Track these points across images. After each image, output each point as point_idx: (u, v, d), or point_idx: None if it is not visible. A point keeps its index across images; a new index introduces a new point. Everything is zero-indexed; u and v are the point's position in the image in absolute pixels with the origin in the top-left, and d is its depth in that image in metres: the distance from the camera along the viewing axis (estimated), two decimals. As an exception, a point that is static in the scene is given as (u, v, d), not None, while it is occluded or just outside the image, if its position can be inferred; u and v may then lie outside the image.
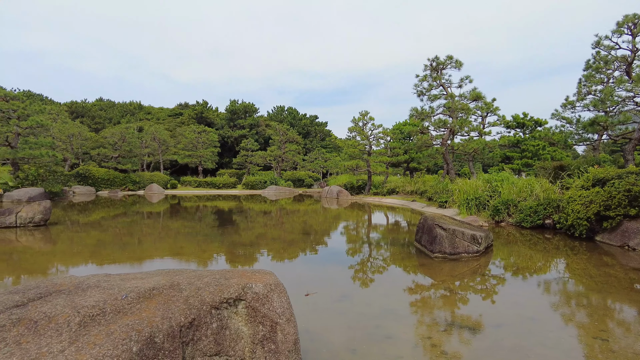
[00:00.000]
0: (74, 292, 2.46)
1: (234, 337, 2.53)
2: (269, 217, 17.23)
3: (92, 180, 34.99)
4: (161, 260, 8.22)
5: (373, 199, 27.82)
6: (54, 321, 2.09)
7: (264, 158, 44.99)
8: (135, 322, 2.10)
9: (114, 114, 65.61)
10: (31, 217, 12.45)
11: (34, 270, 7.31)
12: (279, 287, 2.89)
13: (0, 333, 2.01)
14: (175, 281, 2.66)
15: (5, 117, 27.72)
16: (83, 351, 1.89)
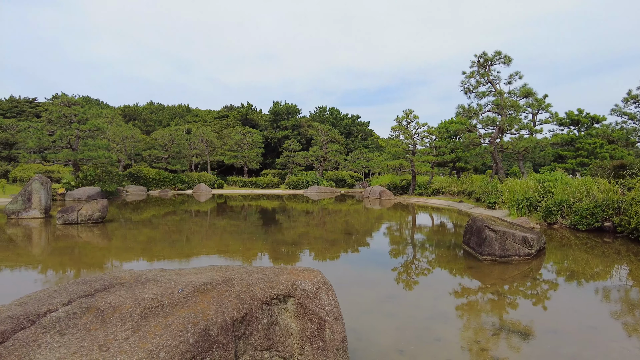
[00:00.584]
0: (134, 285, 2.59)
1: (283, 332, 2.58)
2: (311, 216, 17.35)
3: (143, 180, 36.74)
4: (208, 257, 8.48)
5: (417, 200, 27.31)
6: (118, 311, 2.21)
7: (306, 158, 45.38)
8: (191, 315, 2.18)
9: (163, 117, 68.56)
10: (90, 214, 13.26)
11: (92, 264, 7.77)
12: (326, 285, 2.91)
13: (73, 320, 2.15)
14: (227, 277, 2.74)
15: (67, 122, 29.72)
16: (145, 340, 1.99)
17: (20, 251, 9.11)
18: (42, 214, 14.77)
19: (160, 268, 3.12)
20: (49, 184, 15.40)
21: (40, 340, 2.01)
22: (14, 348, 1.96)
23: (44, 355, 1.92)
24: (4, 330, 2.07)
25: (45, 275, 6.88)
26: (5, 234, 11.32)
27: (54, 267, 7.50)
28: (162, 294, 2.39)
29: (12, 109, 59.10)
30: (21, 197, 14.69)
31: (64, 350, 1.95)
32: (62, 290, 2.53)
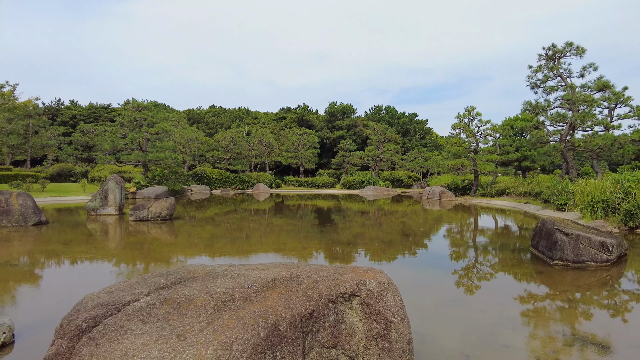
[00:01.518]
0: (206, 279, 2.72)
1: (349, 331, 2.58)
2: (366, 217, 17.23)
3: (207, 179, 38.50)
4: (266, 254, 8.69)
5: (480, 201, 26.20)
6: (193, 303, 2.34)
7: (361, 158, 45.15)
8: (261, 310, 2.25)
9: (224, 120, 71.37)
10: (159, 212, 14.11)
11: (162, 258, 8.26)
12: (392, 286, 2.87)
13: (153, 309, 2.30)
14: (293, 273, 2.79)
15: (138, 125, 31.87)
16: (219, 332, 2.08)
17: (100, 245, 9.91)
18: (117, 211, 15.95)
19: (229, 264, 3.24)
20: (123, 183, 16.60)
21: (126, 327, 2.17)
22: (105, 332, 2.13)
23: (130, 341, 2.06)
24: (95, 315, 2.25)
25: (121, 267, 7.42)
26: (86, 229, 12.35)
27: (129, 260, 8.06)
28: (233, 288, 2.48)
29: (90, 115, 64.41)
30: (99, 195, 15.96)
31: (147, 337, 2.08)
32: (142, 282, 2.72)
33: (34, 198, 13.40)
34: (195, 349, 1.96)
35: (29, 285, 6.11)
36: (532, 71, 22.56)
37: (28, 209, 12.54)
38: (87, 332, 2.17)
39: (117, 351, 1.99)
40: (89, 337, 2.12)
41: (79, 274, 7.00)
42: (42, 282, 6.36)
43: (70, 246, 9.52)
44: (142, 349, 1.99)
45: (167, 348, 1.99)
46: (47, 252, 8.78)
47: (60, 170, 40.21)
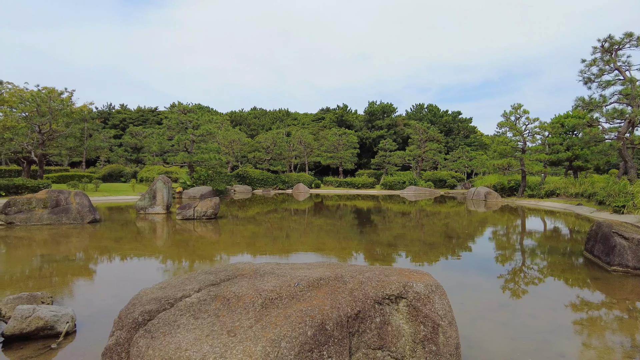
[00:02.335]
0: (254, 277, 2.78)
1: (395, 333, 2.54)
2: (407, 218, 16.95)
3: (249, 180, 39.32)
4: (305, 254, 8.74)
5: (528, 202, 25.12)
6: (242, 300, 2.39)
7: (402, 158, 44.51)
8: (308, 309, 2.27)
9: (265, 121, 72.65)
10: (205, 211, 14.56)
11: (207, 256, 8.52)
12: (439, 289, 2.81)
13: (203, 305, 2.38)
14: (339, 273, 2.79)
15: (183, 127, 33.05)
16: (267, 329, 2.12)
17: (149, 242, 10.36)
18: (164, 210, 16.61)
19: (274, 262, 3.29)
20: (170, 183, 17.27)
21: (179, 322, 2.26)
22: (159, 325, 2.22)
23: (183, 335, 2.14)
24: (150, 309, 2.36)
25: (169, 263, 7.72)
26: (136, 227, 12.95)
27: (177, 257, 8.37)
28: (280, 286, 2.52)
29: (138, 118, 67.50)
30: (148, 194, 16.69)
31: (199, 332, 2.15)
32: (192, 279, 2.81)
33: (89, 197, 14.20)
34: (245, 345, 2.01)
35: (86, 279, 6.48)
36: (586, 65, 21.36)
37: (84, 207, 13.31)
38: (143, 325, 2.27)
39: (171, 344, 2.07)
40: (145, 330, 2.21)
41: (131, 269, 7.35)
42: (97, 277, 6.73)
43: (122, 243, 10.02)
44: (195, 344, 2.06)
45: (218, 343, 2.04)
46: (102, 248, 9.28)
47: (112, 171, 42.42)
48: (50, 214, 12.81)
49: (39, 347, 3.58)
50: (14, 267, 7.22)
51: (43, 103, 29.29)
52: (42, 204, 12.92)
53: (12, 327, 3.64)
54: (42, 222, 12.65)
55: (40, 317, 3.68)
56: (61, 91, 31.73)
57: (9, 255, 8.32)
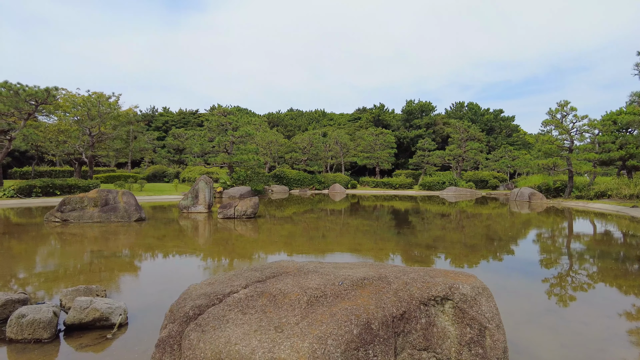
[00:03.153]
0: (298, 274, 2.82)
1: (440, 335, 2.51)
2: (447, 219, 16.57)
3: (286, 180, 39.79)
4: (341, 254, 8.72)
5: (576, 204, 23.95)
6: (287, 297, 2.44)
7: (441, 158, 43.59)
8: (353, 308, 2.28)
9: (302, 122, 73.25)
10: (244, 210, 14.88)
11: (247, 254, 8.70)
12: (486, 291, 2.74)
13: (251, 301, 2.45)
14: (382, 274, 2.79)
15: (223, 129, 33.91)
16: (313, 326, 2.15)
17: (193, 240, 10.72)
18: (206, 209, 17.10)
19: (317, 261, 3.33)
20: (211, 183, 17.77)
21: (227, 317, 2.33)
22: (209, 320, 2.31)
23: (232, 330, 2.21)
24: (200, 304, 2.45)
25: (213, 260, 7.95)
26: (180, 225, 13.42)
27: (219, 254, 8.61)
28: (325, 285, 2.55)
29: (180, 120, 69.85)
30: (190, 194, 17.25)
31: (247, 327, 2.22)
32: (239, 275, 2.90)
33: (135, 196, 14.85)
34: (292, 341, 2.05)
35: (135, 274, 6.80)
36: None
37: (131, 206, 13.94)
38: (193, 319, 2.37)
39: (221, 338, 2.15)
40: (196, 323, 2.31)
41: (176, 265, 7.63)
42: (145, 272, 7.04)
43: (167, 240, 10.42)
44: (244, 338, 2.12)
45: (266, 339, 2.10)
46: (148, 245, 9.69)
47: (155, 171, 44.15)
48: (100, 212, 13.51)
49: (95, 337, 3.79)
50: (69, 261, 7.68)
51: (93, 107, 30.91)
52: (93, 203, 13.64)
53: (72, 317, 3.88)
54: (92, 219, 13.36)
55: (96, 309, 3.91)
56: (109, 95, 33.39)
57: (65, 251, 8.85)
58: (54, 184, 23.76)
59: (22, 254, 8.59)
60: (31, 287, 5.71)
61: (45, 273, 6.69)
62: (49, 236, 10.71)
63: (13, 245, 9.48)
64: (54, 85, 23.12)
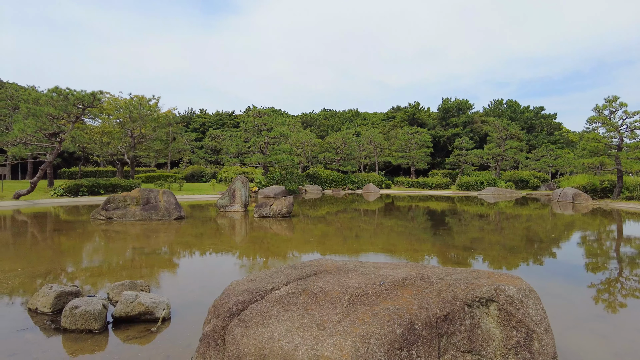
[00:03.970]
0: (338, 273, 2.82)
1: (485, 337, 2.44)
2: (485, 220, 16.09)
3: (319, 180, 39.93)
4: (375, 255, 8.62)
5: (626, 205, 22.67)
6: (328, 295, 2.44)
7: (479, 157, 42.41)
8: (395, 307, 2.25)
9: (335, 122, 73.27)
10: (279, 209, 15.05)
11: (284, 252, 8.78)
12: (533, 294, 2.64)
13: (292, 298, 2.47)
14: (424, 274, 2.74)
15: (258, 130, 34.44)
16: (355, 325, 2.14)
17: (231, 238, 10.95)
18: (242, 208, 17.42)
19: (356, 260, 3.32)
20: (247, 183, 18.08)
21: (270, 313, 2.36)
22: (252, 316, 2.34)
23: (275, 326, 2.24)
24: (243, 300, 2.49)
25: (251, 258, 8.08)
26: (218, 224, 13.74)
27: (257, 252, 8.75)
28: (366, 284, 2.53)
29: (217, 122, 71.51)
30: (227, 193, 17.62)
31: (289, 324, 2.23)
32: (280, 272, 2.93)
33: (175, 196, 15.32)
34: (335, 339, 2.05)
35: (175, 270, 7.01)
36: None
37: (171, 204, 14.40)
38: (237, 315, 2.41)
39: (265, 334, 2.18)
40: (239, 319, 2.35)
41: (215, 262, 7.81)
42: (185, 269, 7.24)
43: (206, 238, 10.70)
44: (286, 335, 2.14)
45: (309, 335, 2.10)
46: (188, 243, 9.97)
47: (193, 171, 45.39)
48: (142, 210, 14.04)
49: (141, 330, 3.94)
50: (113, 257, 8.02)
51: (134, 110, 32.15)
52: (135, 202, 14.19)
53: (119, 310, 4.05)
54: (135, 217, 13.89)
55: (142, 303, 4.06)
56: (149, 98, 34.64)
57: (109, 247, 9.25)
58: (98, 184, 24.92)
59: (70, 249, 9.05)
60: (79, 280, 6.00)
61: (91, 268, 7.02)
62: (94, 233, 11.23)
63: (63, 241, 10.01)
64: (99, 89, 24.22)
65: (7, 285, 5.67)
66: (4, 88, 41.84)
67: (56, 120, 23.33)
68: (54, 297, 4.36)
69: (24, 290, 5.47)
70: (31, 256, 8.04)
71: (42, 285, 5.62)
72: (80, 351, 3.48)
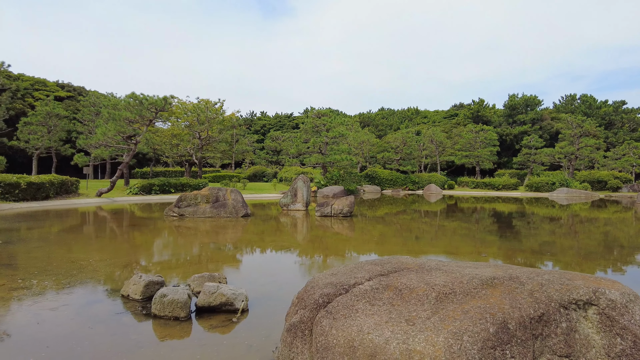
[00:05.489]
0: (420, 271, 2.80)
1: (584, 343, 2.29)
2: (557, 223, 15.03)
3: (377, 180, 39.58)
4: (436, 257, 8.33)
5: None
6: (414, 292, 2.43)
7: (550, 156, 39.82)
8: (486, 306, 2.19)
9: (393, 121, 72.26)
10: (341, 209, 15.13)
11: (348, 251, 8.82)
12: (638, 299, 2.44)
13: (377, 293, 2.49)
14: (513, 274, 2.64)
15: (317, 131, 34.85)
16: (446, 322, 2.11)
17: (296, 235, 11.21)
18: (304, 207, 17.72)
19: (436, 259, 3.28)
20: (309, 182, 18.37)
21: (356, 306, 2.40)
22: (339, 308, 2.39)
23: (362, 319, 2.27)
24: (328, 293, 2.55)
25: (316, 254, 8.21)
26: (282, 221, 14.10)
27: (323, 249, 8.87)
28: (452, 282, 2.49)
29: (276, 123, 73.37)
30: (290, 193, 18.01)
31: (377, 318, 2.26)
32: (360, 268, 2.96)
33: (242, 194, 15.93)
34: (426, 334, 2.03)
35: (247, 265, 7.29)
36: None
37: (238, 203, 14.99)
38: (323, 307, 2.47)
39: (353, 327, 2.22)
40: (326, 311, 2.41)
41: (283, 257, 8.02)
42: (256, 263, 7.52)
43: (273, 235, 11.04)
44: (376, 328, 2.16)
45: (399, 330, 2.11)
46: (256, 239, 10.33)
47: (255, 171, 46.91)
48: (211, 208, 14.75)
49: (222, 320, 4.16)
50: (188, 250, 8.52)
51: (202, 113, 33.82)
52: (205, 200, 14.95)
53: (202, 300, 4.30)
54: (205, 215, 14.62)
55: (223, 294, 4.28)
56: (215, 102, 36.27)
57: (185, 242, 9.82)
58: (169, 183, 26.55)
59: (149, 243, 9.75)
60: (152, 271, 6.44)
61: (169, 260, 7.51)
62: (170, 229, 11.98)
63: (142, 235, 10.79)
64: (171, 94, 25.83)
65: (100, 273, 6.22)
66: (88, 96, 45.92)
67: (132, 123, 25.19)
68: (143, 285, 4.73)
69: (114, 278, 5.97)
70: (116, 248, 8.77)
71: (127, 274, 6.11)
72: (170, 336, 3.75)
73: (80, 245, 9.05)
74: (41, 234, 10.32)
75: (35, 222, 12.76)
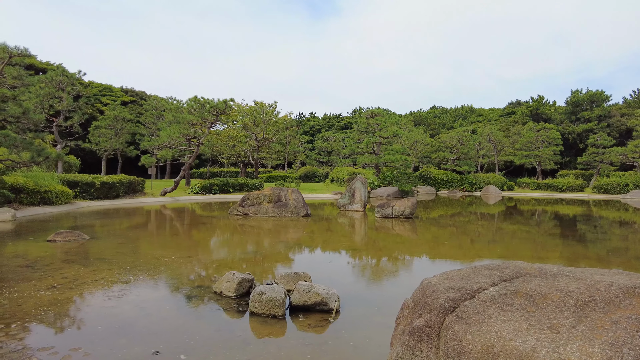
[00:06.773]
0: (544, 277, 2.70)
1: None
2: (629, 228, 13.87)
3: (432, 181, 38.67)
4: (490, 261, 7.94)
5: None
6: (548, 299, 2.35)
7: (623, 155, 37.04)
8: (638, 317, 2.08)
9: (446, 120, 70.34)
10: (402, 210, 14.93)
11: (423, 253, 8.69)
12: None
13: (506, 299, 2.43)
14: (654, 282, 2.48)
15: (371, 131, 34.63)
16: (595, 332, 2.02)
17: (359, 236, 11.21)
18: (362, 208, 17.69)
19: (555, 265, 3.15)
20: (366, 183, 18.31)
21: (487, 312, 2.35)
22: (470, 313, 2.36)
23: (499, 325, 2.22)
24: (453, 297, 2.53)
25: (384, 256, 8.15)
26: (342, 221, 14.16)
27: (388, 250, 8.80)
28: (588, 289, 2.38)
29: (325, 124, 73.75)
30: (347, 193, 18.05)
31: (515, 324, 2.20)
32: (477, 272, 2.90)
33: (302, 194, 16.16)
34: (578, 343, 1.96)
35: (322, 264, 7.36)
36: None
37: (299, 203, 15.23)
38: (450, 312, 2.45)
39: (491, 332, 2.18)
40: (456, 316, 2.38)
41: (355, 258, 8.02)
42: (331, 263, 7.57)
43: (337, 235, 11.12)
44: (517, 334, 2.11)
45: (544, 338, 2.05)
46: (321, 238, 10.42)
47: (307, 172, 47.43)
48: (273, 207, 15.09)
49: (318, 319, 4.23)
50: (261, 248, 8.75)
51: (257, 115, 34.68)
52: (267, 199, 15.32)
53: (297, 299, 4.41)
54: (267, 214, 14.99)
55: (317, 293, 4.36)
56: (270, 104, 37.06)
57: (255, 240, 10.11)
58: (227, 183, 27.48)
59: (222, 241, 10.15)
60: (235, 269, 6.67)
61: (246, 258, 7.75)
62: (237, 227, 12.38)
63: (212, 233, 11.26)
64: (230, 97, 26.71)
65: (186, 269, 6.55)
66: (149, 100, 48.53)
67: (194, 126, 26.31)
68: (236, 282, 4.92)
69: (200, 275, 6.26)
70: (192, 245, 9.21)
71: (212, 271, 6.39)
72: (272, 334, 3.86)
73: (160, 242, 9.60)
74: (120, 231, 11.04)
75: (111, 219, 13.67)
